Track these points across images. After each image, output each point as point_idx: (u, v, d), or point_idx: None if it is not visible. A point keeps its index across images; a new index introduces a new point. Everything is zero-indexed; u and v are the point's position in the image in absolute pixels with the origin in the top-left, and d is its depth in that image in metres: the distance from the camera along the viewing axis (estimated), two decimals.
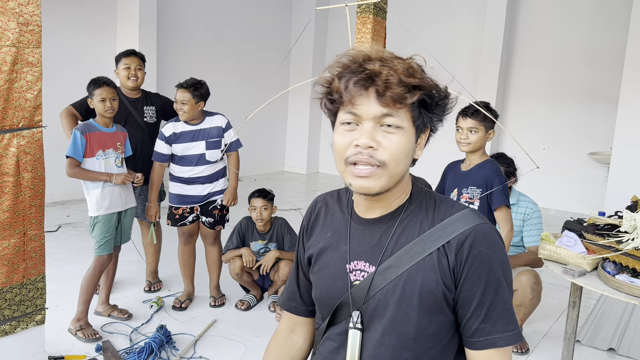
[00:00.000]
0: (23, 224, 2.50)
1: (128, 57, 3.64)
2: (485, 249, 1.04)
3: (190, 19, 7.53)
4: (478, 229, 1.05)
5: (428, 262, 1.06)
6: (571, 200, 7.49)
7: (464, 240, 1.04)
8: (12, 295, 2.51)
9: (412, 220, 1.10)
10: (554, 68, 7.51)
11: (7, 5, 2.30)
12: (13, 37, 2.33)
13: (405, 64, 1.05)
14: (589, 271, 2.51)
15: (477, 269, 1.04)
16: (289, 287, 1.37)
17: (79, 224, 5.49)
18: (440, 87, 1.08)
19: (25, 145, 2.45)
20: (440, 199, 1.14)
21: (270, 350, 1.36)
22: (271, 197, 3.67)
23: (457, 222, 1.06)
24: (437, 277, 1.05)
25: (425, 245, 1.06)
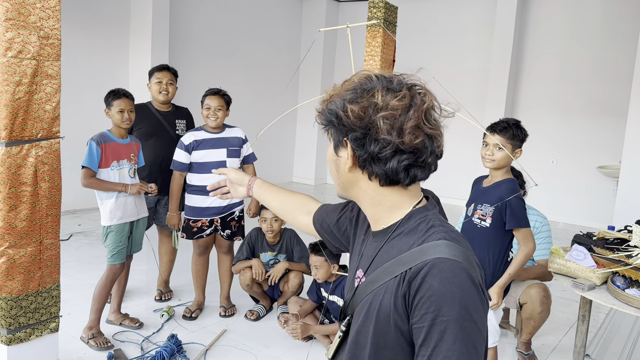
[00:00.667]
0: (40, 232, 2.54)
1: (160, 71, 3.72)
2: (437, 284, 0.96)
3: (201, 32, 7.63)
4: (438, 262, 0.98)
5: (391, 284, 1.03)
6: (580, 213, 7.48)
7: (420, 270, 0.98)
8: (28, 303, 2.55)
9: (401, 240, 1.08)
10: (563, 81, 7.54)
11: (28, 19, 2.36)
12: (34, 50, 2.39)
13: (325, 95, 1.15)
14: (598, 285, 2.52)
15: (425, 304, 0.96)
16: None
17: (90, 233, 5.54)
18: (326, 106, 1.13)
19: (43, 156, 2.50)
20: (434, 224, 1.08)
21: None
22: None
23: (426, 251, 1.01)
24: (392, 302, 1.02)
25: (395, 268, 1.04)
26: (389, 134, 1.02)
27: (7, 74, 2.34)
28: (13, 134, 2.39)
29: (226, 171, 1.69)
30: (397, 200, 1.12)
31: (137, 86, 6.49)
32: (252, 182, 1.64)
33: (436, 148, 1.07)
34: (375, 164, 1.06)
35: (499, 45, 7.67)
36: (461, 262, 0.99)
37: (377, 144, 1.04)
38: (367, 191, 1.12)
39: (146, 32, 6.61)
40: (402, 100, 1.03)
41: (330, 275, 3.37)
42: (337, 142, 1.11)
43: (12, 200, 2.42)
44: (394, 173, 1.06)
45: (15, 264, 2.47)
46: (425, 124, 1.04)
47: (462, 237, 1.09)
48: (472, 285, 0.98)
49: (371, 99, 1.04)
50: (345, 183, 1.15)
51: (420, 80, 1.09)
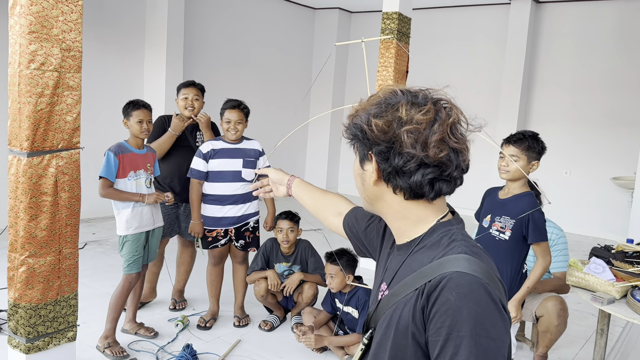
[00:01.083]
0: (59, 242, 2.57)
1: (187, 87, 3.78)
2: (454, 298, 0.95)
3: (215, 43, 7.69)
4: (455, 276, 0.97)
5: (410, 297, 1.03)
6: (594, 225, 7.42)
7: (438, 283, 0.98)
8: (46, 312, 2.57)
9: (423, 254, 1.08)
10: (576, 92, 7.51)
11: (51, 32, 2.40)
12: (56, 62, 2.43)
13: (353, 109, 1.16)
14: (618, 299, 2.50)
15: (440, 317, 0.96)
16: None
17: (105, 242, 5.58)
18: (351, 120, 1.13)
19: (64, 166, 2.53)
20: (456, 238, 1.07)
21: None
22: (297, 220, 3.72)
23: (445, 264, 1.01)
24: (411, 314, 1.02)
25: (415, 281, 1.04)
26: (413, 148, 1.03)
27: (30, 86, 2.37)
28: (34, 145, 2.42)
29: (267, 171, 1.72)
30: (421, 214, 1.12)
31: (152, 97, 6.56)
32: (292, 181, 1.66)
33: (462, 162, 1.07)
34: (399, 178, 1.07)
35: (511, 56, 7.67)
36: (479, 277, 0.97)
37: (401, 157, 1.04)
38: (392, 205, 1.13)
39: (161, 44, 6.68)
40: (427, 114, 1.04)
41: (345, 286, 3.37)
42: (363, 156, 1.13)
43: (33, 210, 2.45)
44: (418, 187, 1.06)
45: (35, 273, 2.50)
46: (450, 137, 1.04)
47: (484, 253, 1.08)
48: (491, 302, 0.96)
49: (395, 113, 1.05)
50: (371, 197, 1.15)
51: (446, 95, 1.09)
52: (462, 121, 1.09)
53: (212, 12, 7.59)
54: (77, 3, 2.47)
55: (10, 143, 2.46)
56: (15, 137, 2.44)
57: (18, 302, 2.52)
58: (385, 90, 1.11)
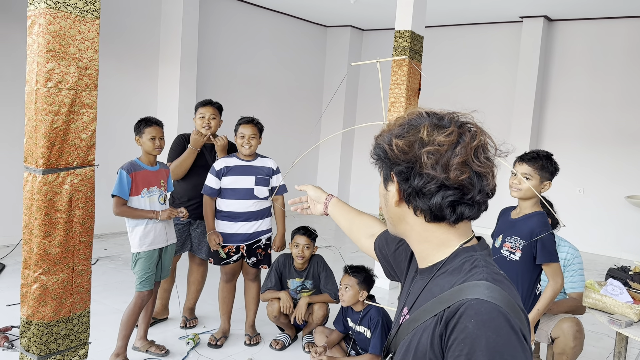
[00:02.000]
0: (72, 259, 2.57)
1: (204, 107, 3.80)
2: (472, 326, 0.93)
3: (228, 60, 7.77)
4: (474, 303, 0.95)
5: (429, 323, 1.02)
6: (608, 243, 7.33)
7: (456, 310, 0.96)
8: (59, 329, 2.57)
9: (444, 279, 1.07)
10: (590, 110, 7.47)
11: (68, 50, 2.43)
12: (72, 80, 2.46)
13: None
14: (636, 321, 2.45)
15: (459, 345, 0.94)
16: None
17: (116, 258, 5.59)
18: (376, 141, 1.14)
19: (78, 183, 2.54)
20: (478, 264, 1.05)
21: None
22: (315, 237, 3.72)
23: (464, 291, 0.99)
24: (429, 341, 1.00)
25: (435, 307, 1.03)
26: (433, 169, 1.02)
27: (47, 104, 2.40)
28: (50, 162, 2.44)
29: (307, 188, 1.74)
30: (444, 238, 1.11)
31: (166, 114, 6.62)
32: (329, 200, 1.68)
33: (485, 186, 1.06)
34: (419, 199, 1.06)
35: (523, 74, 7.66)
36: (499, 306, 0.95)
37: (421, 178, 1.04)
38: (414, 227, 1.12)
39: (175, 62, 6.76)
40: (450, 136, 1.04)
41: (356, 303, 3.33)
42: (386, 177, 1.13)
43: (47, 227, 2.46)
44: (438, 209, 1.05)
45: (47, 290, 2.50)
46: (474, 161, 1.03)
47: (507, 280, 1.05)
48: (511, 331, 0.93)
49: (417, 134, 1.06)
50: (394, 218, 1.15)
51: (473, 119, 1.09)
52: (490, 145, 1.08)
53: (225, 30, 7.67)
54: (94, 22, 2.51)
55: (26, 160, 2.48)
56: (31, 154, 2.46)
57: (31, 319, 2.51)
58: (411, 112, 1.12)
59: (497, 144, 1.10)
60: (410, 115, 1.11)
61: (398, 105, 5.01)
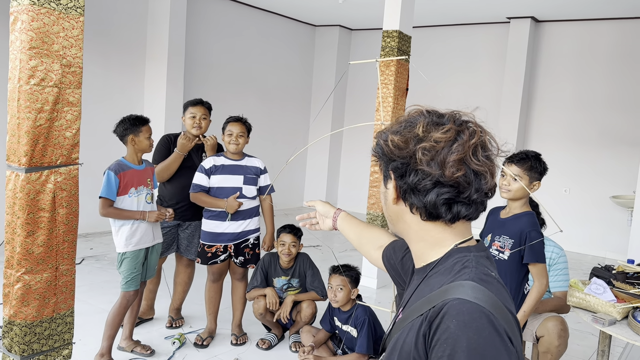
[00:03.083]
0: (56, 258, 2.54)
1: (195, 106, 3.76)
2: (454, 327, 0.91)
3: (216, 59, 7.74)
4: (456, 303, 0.94)
5: (415, 323, 1.01)
6: (593, 243, 7.40)
7: (439, 310, 0.95)
8: (42, 330, 2.54)
9: (436, 279, 1.05)
10: (576, 110, 7.54)
11: (51, 48, 2.40)
12: (56, 78, 2.43)
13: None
14: (619, 320, 2.47)
15: (441, 346, 0.92)
16: None
17: (102, 257, 5.54)
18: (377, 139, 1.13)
19: (62, 182, 2.51)
20: (469, 265, 1.04)
21: None
22: (300, 235, 3.71)
23: (449, 291, 0.98)
24: (414, 340, 0.99)
25: (422, 307, 1.01)
26: (429, 166, 1.02)
27: (30, 101, 2.37)
28: (33, 161, 2.41)
29: (315, 203, 1.72)
30: (439, 237, 1.09)
31: (153, 112, 6.57)
32: (337, 214, 1.66)
33: (483, 185, 1.04)
34: (414, 196, 1.06)
35: (510, 74, 7.71)
36: (482, 306, 0.93)
37: (416, 174, 1.04)
38: (411, 225, 1.12)
39: (162, 60, 6.71)
40: (447, 133, 1.03)
41: (346, 303, 3.33)
42: (385, 174, 1.13)
43: (30, 226, 2.43)
44: (432, 206, 1.05)
45: (30, 290, 2.47)
46: (471, 159, 1.02)
47: (495, 282, 1.03)
48: (494, 332, 0.91)
49: (413, 130, 1.05)
50: (392, 216, 1.15)
51: (474, 117, 1.09)
52: (491, 145, 1.07)
53: (213, 28, 7.64)
54: (78, 19, 2.48)
55: (9, 159, 2.45)
56: (13, 152, 2.43)
57: (13, 319, 2.48)
58: (412, 110, 1.12)
59: (499, 144, 1.09)
60: (411, 114, 1.11)
61: (386, 105, 5.02)
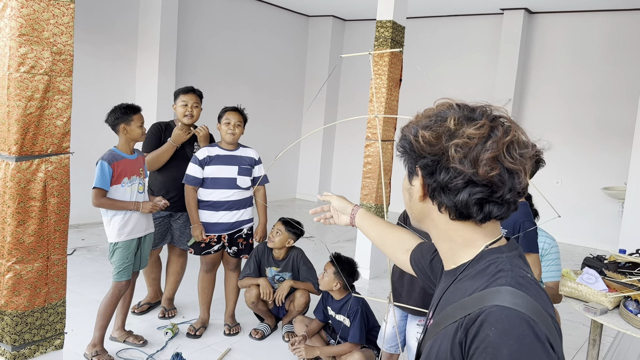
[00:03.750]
0: (47, 248, 2.52)
1: (186, 94, 3.71)
2: (493, 335, 0.88)
3: (208, 49, 7.68)
4: (495, 310, 0.90)
5: (449, 329, 0.97)
6: (584, 234, 7.45)
7: (476, 318, 0.91)
8: (33, 320, 2.52)
9: (466, 283, 1.01)
10: (568, 102, 7.56)
11: (42, 35, 2.37)
12: (46, 65, 2.40)
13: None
14: (610, 309, 2.49)
15: (480, 355, 0.88)
16: None
17: (94, 248, 5.51)
18: (402, 132, 1.07)
19: (53, 171, 2.49)
20: (503, 268, 0.99)
21: None
22: (297, 234, 3.70)
23: (486, 297, 0.94)
24: (449, 347, 0.96)
25: (456, 312, 0.98)
26: (461, 164, 0.96)
27: (20, 89, 2.34)
28: (23, 149, 2.38)
29: (330, 197, 1.67)
30: (469, 237, 1.04)
31: (144, 101, 6.51)
32: (355, 211, 1.62)
33: (517, 184, 0.99)
34: (444, 195, 1.00)
35: (503, 65, 7.71)
36: (522, 312, 0.89)
37: (447, 172, 0.98)
38: (439, 224, 1.07)
39: (154, 49, 6.65)
40: (480, 129, 0.97)
41: (336, 291, 3.33)
42: (410, 170, 1.08)
43: (21, 216, 2.41)
44: (464, 206, 0.99)
45: (21, 280, 2.45)
46: (505, 157, 0.97)
47: (534, 284, 0.98)
48: (535, 340, 0.87)
49: (445, 126, 1.00)
50: (417, 214, 1.11)
51: (507, 112, 1.04)
52: (524, 142, 1.02)
53: (205, 18, 7.58)
54: (68, 6, 2.45)
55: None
56: (3, 141, 2.40)
57: (4, 309, 2.47)
58: (440, 104, 1.06)
59: (534, 140, 1.04)
60: (439, 107, 1.05)
61: (380, 96, 5.01)
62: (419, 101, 8.82)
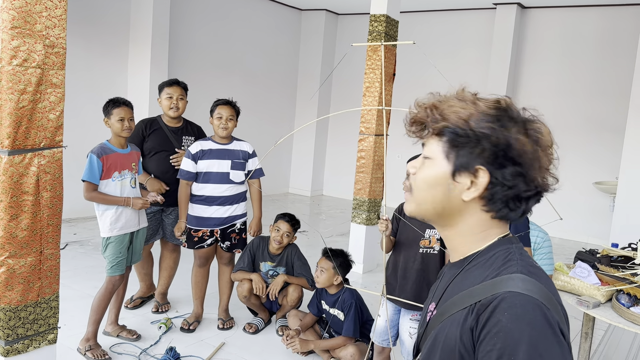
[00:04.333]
0: (40, 242, 2.51)
1: (171, 86, 3.67)
2: (506, 319, 0.88)
3: (201, 42, 7.64)
4: (508, 296, 0.90)
5: (457, 317, 0.97)
6: (576, 229, 7.50)
7: (489, 303, 0.91)
8: (27, 314, 2.51)
9: (475, 272, 1.01)
10: (560, 97, 7.59)
11: (34, 28, 2.35)
12: (39, 58, 2.37)
13: (438, 99, 1.03)
14: (603, 303, 2.51)
15: (491, 340, 0.89)
16: None
17: (86, 242, 5.49)
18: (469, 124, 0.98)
19: (46, 165, 2.47)
20: (513, 257, 0.99)
21: None
22: (297, 227, 3.70)
23: (497, 284, 0.94)
24: (458, 334, 0.96)
25: (464, 300, 0.98)
26: (540, 173, 0.97)
27: (12, 82, 2.32)
28: (16, 143, 2.36)
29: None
30: (490, 232, 1.04)
31: (136, 95, 6.48)
32: None
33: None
34: (511, 202, 0.98)
35: (496, 60, 7.72)
36: (535, 298, 0.90)
37: (526, 183, 0.97)
38: (469, 220, 1.03)
39: (146, 42, 6.61)
40: (548, 136, 0.98)
41: (331, 285, 3.34)
42: (463, 166, 0.99)
43: (14, 210, 2.39)
44: (519, 212, 1.00)
45: (14, 274, 2.44)
46: (552, 165, 1.00)
47: (543, 274, 1.00)
48: (547, 325, 0.88)
49: (533, 131, 0.97)
50: (447, 210, 1.03)
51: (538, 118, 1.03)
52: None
53: (198, 11, 7.53)
54: None
55: None
56: None
57: None
58: (487, 100, 1.01)
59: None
60: (489, 103, 0.99)
61: (373, 90, 5.01)
62: (413, 96, 8.82)
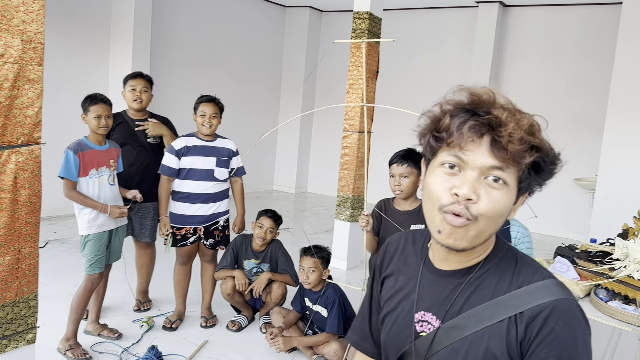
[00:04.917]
0: (18, 241, 2.47)
1: (134, 79, 3.63)
2: (560, 327, 0.92)
3: (183, 38, 7.57)
4: (557, 304, 0.94)
5: (496, 329, 0.97)
6: (555, 224, 7.59)
7: (538, 313, 0.94)
8: (4, 314, 2.47)
9: (487, 280, 1.01)
10: (540, 94, 7.67)
11: (11, 22, 2.30)
12: (16, 54, 2.33)
13: (528, 120, 1.04)
14: (581, 297, 2.55)
15: (545, 348, 0.92)
16: (360, 327, 1.29)
17: (66, 241, 5.42)
18: (554, 150, 1.08)
19: (24, 162, 2.44)
20: (522, 260, 1.03)
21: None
22: (280, 223, 3.70)
23: (536, 293, 0.96)
24: (503, 347, 0.96)
25: (496, 311, 0.98)
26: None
27: None
28: None
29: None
30: (492, 237, 1.06)
31: (117, 92, 6.37)
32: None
33: None
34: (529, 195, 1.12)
35: (478, 58, 7.77)
36: (576, 302, 0.97)
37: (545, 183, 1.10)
38: (500, 222, 1.04)
39: (127, 37, 6.53)
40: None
41: (318, 284, 3.34)
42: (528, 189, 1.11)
43: None
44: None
45: None
46: None
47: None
48: (586, 324, 0.96)
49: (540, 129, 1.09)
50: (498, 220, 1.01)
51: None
52: None
53: (180, 6, 7.46)
54: None
55: None
56: None
57: None
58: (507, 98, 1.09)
59: None
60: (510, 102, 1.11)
61: (357, 87, 5.01)
62: (396, 93, 8.75)
